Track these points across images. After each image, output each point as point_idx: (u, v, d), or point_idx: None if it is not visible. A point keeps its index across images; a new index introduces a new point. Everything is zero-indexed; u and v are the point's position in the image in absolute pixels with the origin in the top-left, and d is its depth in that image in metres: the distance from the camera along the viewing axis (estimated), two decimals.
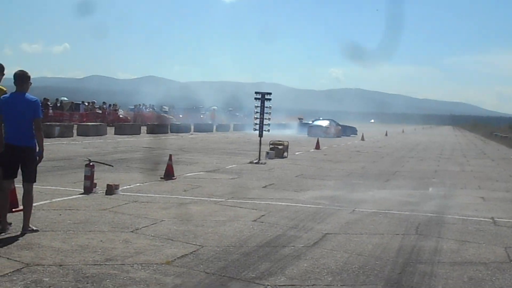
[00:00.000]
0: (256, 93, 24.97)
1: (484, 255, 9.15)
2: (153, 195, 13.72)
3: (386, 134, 69.89)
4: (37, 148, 9.20)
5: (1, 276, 6.89)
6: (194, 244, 8.88)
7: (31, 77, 9.31)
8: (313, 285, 7.20)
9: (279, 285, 7.08)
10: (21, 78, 9.20)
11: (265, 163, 23.66)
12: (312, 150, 34.27)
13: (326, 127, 55.53)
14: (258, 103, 24.83)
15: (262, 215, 11.69)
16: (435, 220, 12.09)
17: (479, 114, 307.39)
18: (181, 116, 68.99)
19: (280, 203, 13.38)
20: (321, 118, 61.31)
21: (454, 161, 30.84)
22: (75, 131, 37.91)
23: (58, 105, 52.00)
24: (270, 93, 24.96)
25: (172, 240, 9.12)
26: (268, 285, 7.08)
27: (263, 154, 25.27)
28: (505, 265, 8.55)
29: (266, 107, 24.82)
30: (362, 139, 51.78)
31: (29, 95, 9.15)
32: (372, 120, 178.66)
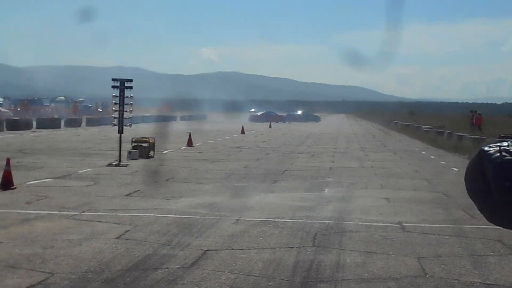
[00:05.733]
0: (113, 80, 24.45)
1: (395, 268, 9.27)
2: None
3: (270, 126, 70.79)
4: None
5: None
6: (42, 272, 8.53)
7: None
8: None
9: None
10: None
11: (127, 165, 23.31)
12: (184, 147, 34.13)
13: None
14: (117, 92, 24.36)
15: (127, 231, 11.44)
16: (334, 228, 12.22)
17: (376, 99, 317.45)
18: (19, 109, 67.18)
19: (148, 215, 13.15)
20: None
21: (351, 156, 31.52)
22: None
23: None
24: (131, 80, 24.56)
25: (14, 267, 8.73)
26: None
27: (124, 154, 24.87)
28: (419, 280, 8.68)
29: (127, 97, 24.41)
30: (242, 132, 52.06)
31: None
32: (253, 109, 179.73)
